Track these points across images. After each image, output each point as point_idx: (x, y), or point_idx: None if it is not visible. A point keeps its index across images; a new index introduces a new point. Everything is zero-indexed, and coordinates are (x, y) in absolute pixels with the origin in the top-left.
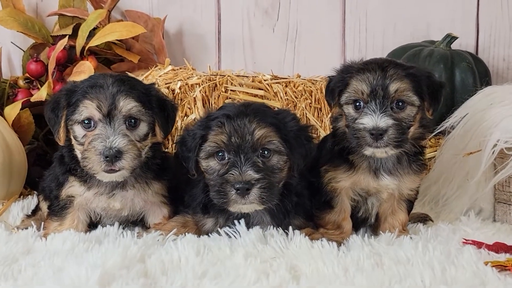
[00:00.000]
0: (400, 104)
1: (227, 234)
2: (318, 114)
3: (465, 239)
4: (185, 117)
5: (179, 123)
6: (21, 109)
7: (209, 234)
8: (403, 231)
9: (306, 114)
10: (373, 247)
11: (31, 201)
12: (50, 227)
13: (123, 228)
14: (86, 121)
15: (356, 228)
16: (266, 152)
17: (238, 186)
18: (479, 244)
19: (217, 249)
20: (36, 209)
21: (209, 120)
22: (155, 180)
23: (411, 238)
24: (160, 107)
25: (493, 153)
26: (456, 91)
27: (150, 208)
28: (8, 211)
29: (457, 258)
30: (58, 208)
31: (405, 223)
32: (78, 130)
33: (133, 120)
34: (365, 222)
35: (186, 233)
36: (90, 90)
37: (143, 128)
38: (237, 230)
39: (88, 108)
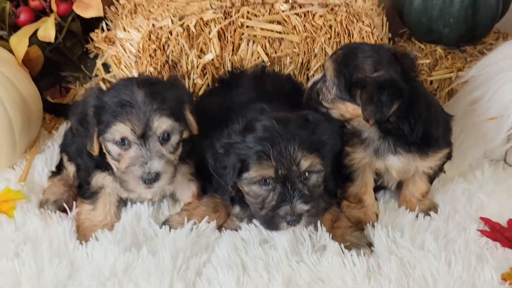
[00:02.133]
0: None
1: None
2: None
3: (481, 231)
4: (202, 54)
5: (195, 61)
6: (29, 45)
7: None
8: (421, 199)
9: (325, 49)
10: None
11: (53, 152)
12: (83, 211)
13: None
14: (120, 141)
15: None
16: (307, 174)
17: (289, 219)
18: (494, 236)
19: (254, 271)
20: (60, 166)
21: (247, 145)
22: (182, 164)
23: (430, 216)
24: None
25: None
26: (478, 11)
27: (179, 186)
28: (32, 167)
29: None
30: (89, 193)
31: (426, 192)
32: (112, 148)
33: (166, 135)
34: (386, 188)
35: (223, 230)
36: (120, 111)
37: (175, 138)
38: None
39: (122, 131)
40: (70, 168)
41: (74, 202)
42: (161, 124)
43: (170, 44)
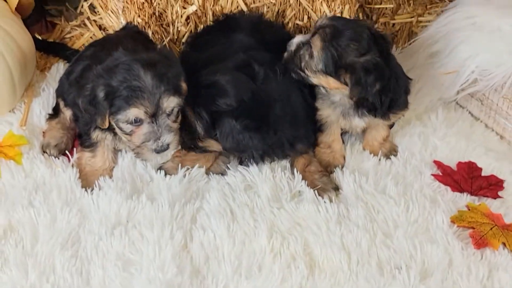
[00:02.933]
0: None
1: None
2: None
3: (434, 175)
4: (186, 4)
5: (180, 11)
6: None
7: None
8: (383, 142)
9: (300, 0)
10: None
11: (48, 96)
12: (84, 157)
13: None
14: (134, 121)
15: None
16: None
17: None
18: (445, 180)
19: (242, 219)
20: (57, 110)
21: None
22: None
23: (390, 159)
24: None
25: (467, 81)
26: None
27: None
28: (31, 110)
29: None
30: (89, 143)
31: (387, 136)
32: (125, 126)
33: (172, 110)
34: None
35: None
36: (133, 95)
37: (177, 109)
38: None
39: (136, 114)
40: (67, 113)
41: (75, 149)
42: (170, 103)
43: None
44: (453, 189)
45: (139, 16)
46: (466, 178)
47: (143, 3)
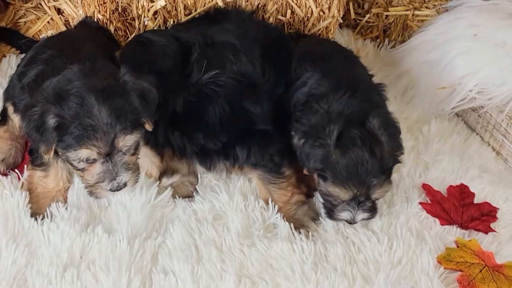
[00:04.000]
0: None
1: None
2: None
3: (422, 204)
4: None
5: (146, 5)
6: None
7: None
8: None
9: None
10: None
11: None
12: (35, 176)
13: None
14: (85, 160)
15: None
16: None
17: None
18: (434, 209)
19: (208, 261)
20: (4, 115)
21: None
22: None
23: None
24: (144, 105)
25: (465, 98)
26: None
27: None
28: None
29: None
30: (40, 161)
31: None
32: (76, 163)
33: (130, 147)
34: None
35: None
36: (84, 135)
37: (136, 143)
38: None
39: (86, 155)
40: (16, 120)
41: (25, 167)
42: (126, 142)
43: None
44: (442, 222)
45: (99, 12)
46: (456, 207)
47: None
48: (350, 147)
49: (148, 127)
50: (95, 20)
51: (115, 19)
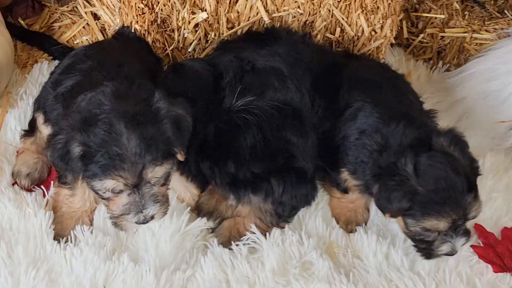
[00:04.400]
0: None
1: None
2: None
3: (474, 247)
4: (195, 8)
5: (187, 17)
6: None
7: None
8: None
9: (332, 11)
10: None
11: (27, 107)
12: (61, 194)
13: None
14: (111, 190)
15: None
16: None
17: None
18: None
19: None
20: (33, 125)
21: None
22: None
23: None
24: (177, 134)
25: None
26: None
27: None
28: (5, 123)
29: None
30: (66, 176)
31: None
32: (101, 192)
33: (160, 178)
34: None
35: None
36: (110, 164)
37: (167, 173)
38: None
39: (112, 186)
40: (45, 131)
41: (52, 183)
42: (156, 174)
43: (160, 1)
44: (495, 269)
45: (137, 22)
46: (511, 252)
47: (143, 8)
48: (432, 172)
49: (180, 157)
50: (132, 30)
51: (153, 31)
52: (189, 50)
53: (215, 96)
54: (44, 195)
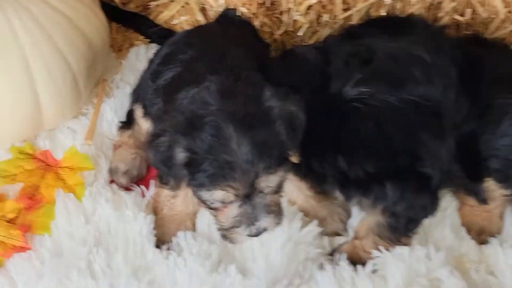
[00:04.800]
0: None
1: None
2: None
3: None
4: None
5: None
6: None
7: None
8: None
9: None
10: None
11: (123, 97)
12: (162, 194)
13: None
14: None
15: None
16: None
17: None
18: None
19: None
20: (131, 117)
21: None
22: None
23: None
24: (291, 135)
25: None
26: None
27: None
28: (100, 114)
29: None
30: (169, 180)
31: None
32: (208, 202)
33: (273, 187)
34: None
35: None
36: (219, 173)
37: (281, 181)
38: None
39: (221, 197)
40: (144, 125)
41: (151, 182)
42: (269, 182)
43: None
44: None
45: (243, 4)
46: None
47: None
48: None
49: (295, 159)
50: (239, 13)
51: (261, 14)
52: (299, 33)
53: (322, 85)
54: (143, 195)
